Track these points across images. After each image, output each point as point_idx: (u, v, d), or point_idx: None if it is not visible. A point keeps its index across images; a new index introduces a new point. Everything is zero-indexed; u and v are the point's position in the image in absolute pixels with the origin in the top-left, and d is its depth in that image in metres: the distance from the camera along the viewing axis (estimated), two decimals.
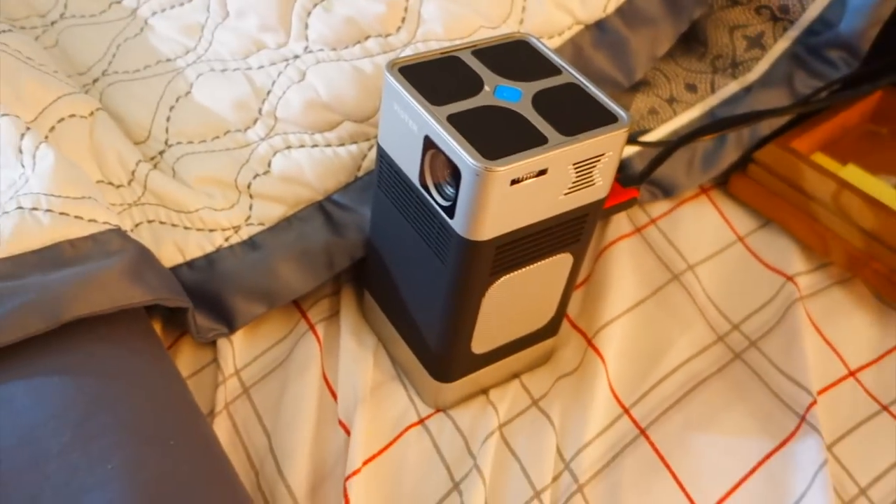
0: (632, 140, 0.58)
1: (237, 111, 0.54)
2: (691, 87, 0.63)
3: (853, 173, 0.62)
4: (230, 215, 0.51)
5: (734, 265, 0.60)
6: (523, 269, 0.44)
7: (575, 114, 0.41)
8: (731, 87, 0.63)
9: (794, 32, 0.62)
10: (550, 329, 0.50)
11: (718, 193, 0.64)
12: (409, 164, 0.42)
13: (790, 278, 0.58)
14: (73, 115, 0.52)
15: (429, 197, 0.41)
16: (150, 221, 0.51)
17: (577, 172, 0.40)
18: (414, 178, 0.42)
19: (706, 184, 0.64)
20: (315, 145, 0.53)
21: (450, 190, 0.40)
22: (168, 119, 0.55)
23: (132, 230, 0.50)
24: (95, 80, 0.59)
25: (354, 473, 0.45)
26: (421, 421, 0.49)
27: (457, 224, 0.40)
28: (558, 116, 0.40)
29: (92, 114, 0.53)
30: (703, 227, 0.62)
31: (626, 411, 0.51)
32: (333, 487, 0.46)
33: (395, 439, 0.48)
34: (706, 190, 0.64)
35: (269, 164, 0.52)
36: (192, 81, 0.56)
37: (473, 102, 0.41)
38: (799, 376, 0.52)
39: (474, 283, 0.42)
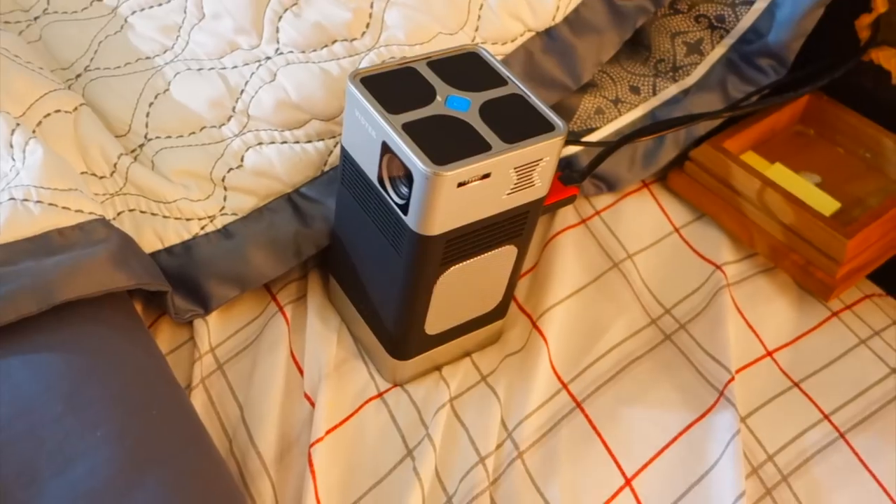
0: (576, 140, 0.63)
1: (212, 109, 0.58)
2: (635, 89, 0.69)
3: (779, 172, 0.68)
4: (206, 206, 0.56)
5: (670, 254, 0.66)
6: (471, 260, 0.49)
7: (517, 122, 0.46)
8: (671, 90, 0.68)
9: (729, 40, 0.67)
10: (499, 312, 0.55)
11: (659, 188, 0.70)
12: (369, 164, 0.47)
13: (719, 267, 0.64)
14: (58, 111, 0.56)
15: (386, 195, 0.46)
16: (130, 210, 0.56)
17: (517, 175, 0.45)
18: (373, 177, 0.47)
19: (647, 179, 0.70)
20: (284, 142, 0.57)
21: (404, 189, 0.45)
22: (147, 115, 0.59)
23: (115, 219, 0.55)
24: (78, 76, 0.62)
25: (318, 441, 0.50)
26: (379, 395, 0.54)
27: (410, 220, 0.45)
28: (502, 125, 0.45)
29: (76, 109, 0.57)
30: (643, 218, 0.67)
31: (565, 386, 0.56)
32: (299, 453, 0.51)
33: (355, 411, 0.53)
34: (647, 184, 0.69)
35: (241, 159, 0.57)
36: (170, 79, 0.60)
37: (426, 112, 0.45)
38: (720, 356, 0.58)
39: (426, 273, 0.47)
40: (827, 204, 0.65)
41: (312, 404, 0.53)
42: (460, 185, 0.43)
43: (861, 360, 0.60)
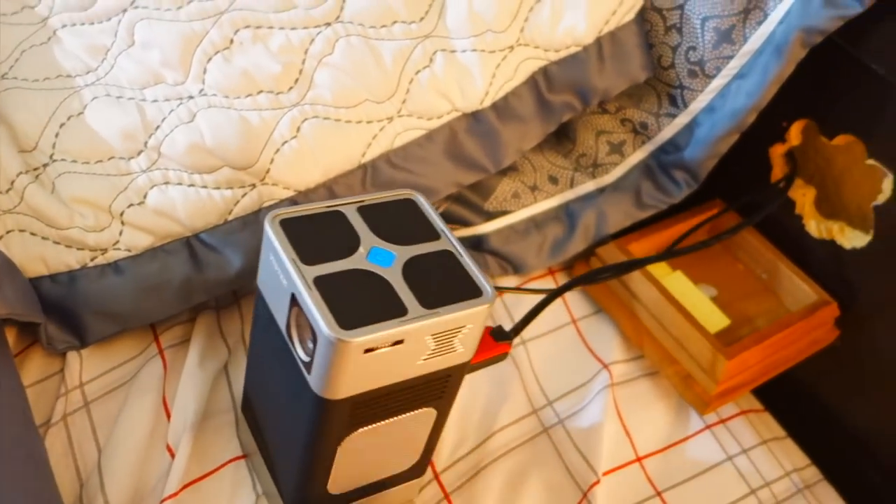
0: (514, 288, 0.64)
1: (124, 140, 0.57)
2: (553, 179, 0.70)
3: (678, 280, 0.70)
4: (99, 238, 0.55)
5: (563, 345, 0.67)
6: (382, 423, 0.45)
7: (442, 284, 0.43)
8: (587, 186, 0.70)
9: (650, 147, 0.70)
10: (416, 471, 0.52)
11: (563, 277, 0.71)
12: (280, 312, 0.43)
13: (606, 366, 0.65)
14: None
15: (293, 348, 0.43)
16: (21, 231, 0.54)
17: (436, 342, 0.42)
18: (283, 326, 0.43)
19: (554, 267, 0.71)
20: (192, 185, 0.57)
21: (311, 346, 0.41)
22: (57, 135, 0.58)
23: (2, 237, 0.53)
24: None
25: (171, 496, 0.49)
26: (244, 455, 0.54)
27: (313, 381, 0.41)
28: (424, 286, 0.42)
29: None
30: None
31: (437, 477, 0.56)
32: None
33: (216, 469, 0.52)
34: (553, 272, 0.71)
35: (144, 196, 0.56)
36: (86, 103, 0.59)
37: (344, 264, 0.42)
38: (591, 456, 0.59)
39: (329, 436, 0.44)
40: (717, 320, 0.68)
41: (173, 456, 0.52)
42: (367, 350, 0.40)
43: (724, 477, 0.62)
